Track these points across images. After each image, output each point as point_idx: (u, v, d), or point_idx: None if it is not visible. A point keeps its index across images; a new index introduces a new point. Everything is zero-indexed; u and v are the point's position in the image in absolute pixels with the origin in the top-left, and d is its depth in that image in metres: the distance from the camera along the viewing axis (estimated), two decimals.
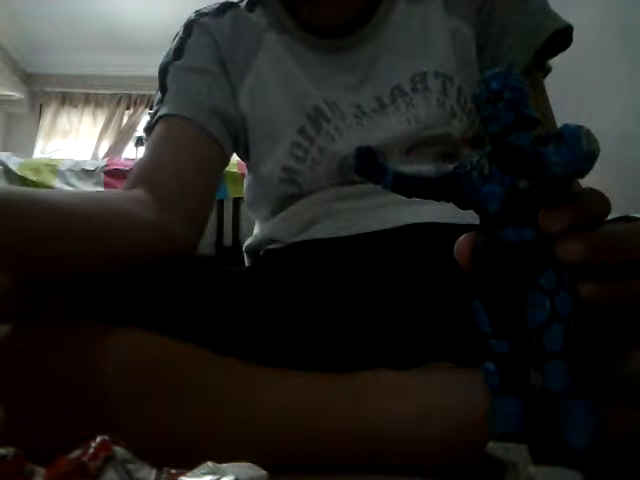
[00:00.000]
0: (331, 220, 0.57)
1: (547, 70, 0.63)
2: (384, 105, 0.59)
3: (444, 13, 0.62)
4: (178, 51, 0.62)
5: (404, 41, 0.61)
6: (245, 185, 0.70)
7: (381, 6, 0.62)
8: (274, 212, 0.63)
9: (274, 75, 0.62)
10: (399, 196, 0.28)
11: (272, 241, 0.62)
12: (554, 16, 0.60)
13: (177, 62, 0.62)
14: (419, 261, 0.48)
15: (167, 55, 0.63)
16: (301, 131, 0.59)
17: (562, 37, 0.59)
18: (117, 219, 0.43)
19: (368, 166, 0.28)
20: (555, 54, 0.61)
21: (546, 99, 0.62)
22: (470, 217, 0.26)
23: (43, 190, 0.40)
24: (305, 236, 0.57)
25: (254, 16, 0.64)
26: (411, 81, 0.59)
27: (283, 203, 0.62)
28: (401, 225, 0.52)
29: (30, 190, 0.38)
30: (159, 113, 0.59)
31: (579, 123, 0.22)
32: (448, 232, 0.29)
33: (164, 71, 0.62)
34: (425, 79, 0.59)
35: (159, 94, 0.61)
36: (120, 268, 0.39)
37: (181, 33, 0.64)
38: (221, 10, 0.65)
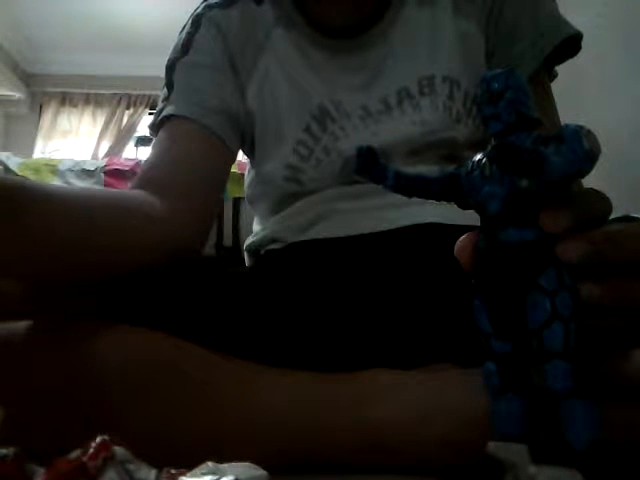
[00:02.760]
0: (332, 220, 0.57)
1: (553, 76, 0.63)
2: (390, 107, 0.59)
3: (453, 16, 0.61)
4: (185, 46, 0.61)
5: (412, 43, 0.61)
6: (247, 181, 0.70)
7: (391, 7, 0.62)
8: (275, 209, 0.63)
9: (281, 73, 0.61)
10: (401, 197, 0.28)
11: (273, 241, 0.62)
12: (564, 22, 0.60)
13: (184, 58, 0.61)
14: (420, 262, 0.48)
15: (174, 50, 0.62)
16: (307, 130, 0.59)
17: (571, 43, 0.59)
18: (127, 221, 0.43)
19: (369, 166, 0.28)
20: (563, 60, 0.61)
21: (553, 104, 0.62)
22: (472, 218, 0.26)
23: (60, 192, 0.38)
24: (306, 236, 0.57)
25: (262, 9, 0.63)
26: (418, 84, 0.59)
27: (284, 201, 0.61)
28: (403, 226, 0.52)
29: (48, 192, 0.36)
30: (164, 112, 0.58)
31: (579, 123, 0.22)
32: (450, 233, 0.28)
33: (171, 67, 0.61)
34: (433, 83, 0.59)
35: (165, 91, 0.61)
36: (129, 270, 0.39)
37: (189, 27, 0.63)
38: (229, 1, 0.64)
